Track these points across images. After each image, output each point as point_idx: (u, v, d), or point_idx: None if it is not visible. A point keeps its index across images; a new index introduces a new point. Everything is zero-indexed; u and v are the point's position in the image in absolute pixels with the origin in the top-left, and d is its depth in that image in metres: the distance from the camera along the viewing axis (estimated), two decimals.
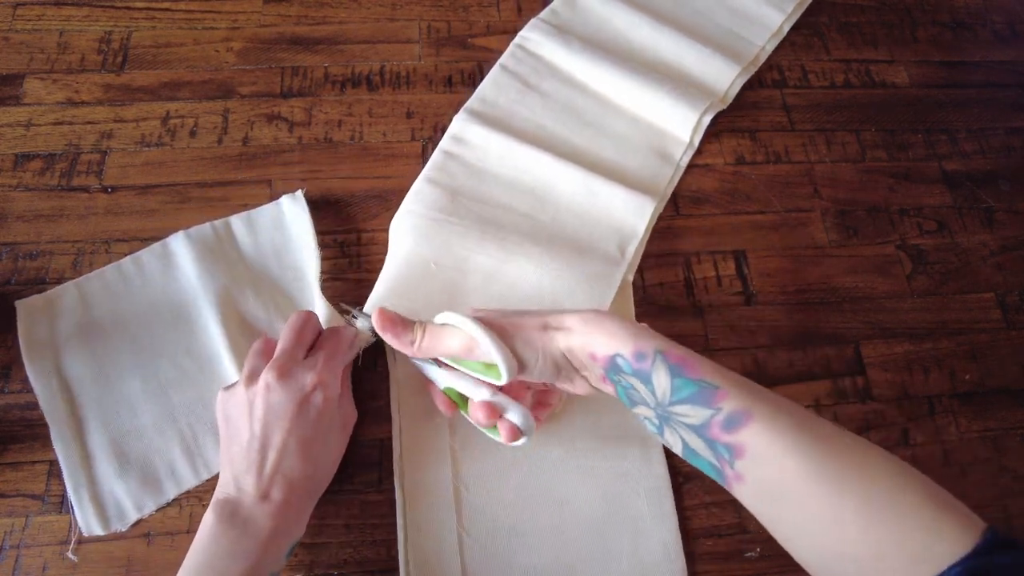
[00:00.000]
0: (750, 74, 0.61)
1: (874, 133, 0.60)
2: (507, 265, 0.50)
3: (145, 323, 0.47)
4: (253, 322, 0.48)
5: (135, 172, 0.53)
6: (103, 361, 0.46)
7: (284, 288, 0.49)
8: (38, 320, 0.47)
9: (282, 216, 0.51)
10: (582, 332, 0.37)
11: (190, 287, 0.48)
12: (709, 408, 0.33)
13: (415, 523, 0.43)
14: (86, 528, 0.42)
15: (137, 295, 0.48)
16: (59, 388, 0.45)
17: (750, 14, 0.64)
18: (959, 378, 0.51)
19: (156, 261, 0.49)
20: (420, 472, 0.44)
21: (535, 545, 0.43)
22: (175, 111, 0.55)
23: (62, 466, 0.43)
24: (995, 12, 0.69)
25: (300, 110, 0.56)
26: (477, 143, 0.54)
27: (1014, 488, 0.48)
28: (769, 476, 0.32)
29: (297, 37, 0.59)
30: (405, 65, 0.59)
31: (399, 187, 0.53)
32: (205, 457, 0.44)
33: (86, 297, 0.48)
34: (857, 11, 0.67)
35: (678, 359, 0.34)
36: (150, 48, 0.57)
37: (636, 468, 0.45)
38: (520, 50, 0.59)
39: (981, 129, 0.61)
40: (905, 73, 0.64)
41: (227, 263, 0.49)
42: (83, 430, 0.44)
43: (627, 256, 0.51)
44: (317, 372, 0.39)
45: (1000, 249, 0.56)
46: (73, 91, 0.55)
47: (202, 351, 0.47)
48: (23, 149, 0.53)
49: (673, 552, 0.43)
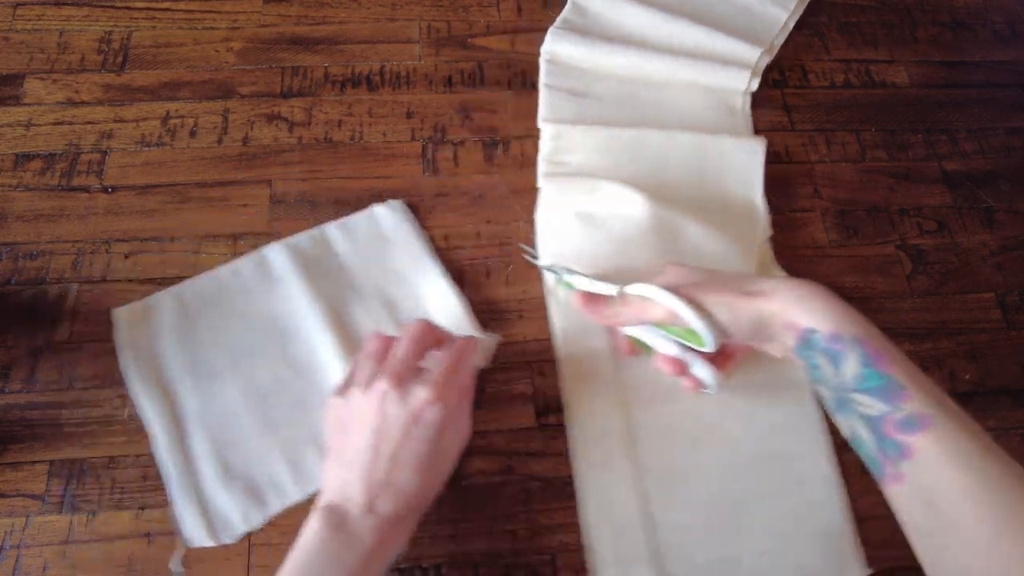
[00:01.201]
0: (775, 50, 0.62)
1: (874, 133, 0.60)
2: (657, 208, 0.51)
3: (242, 332, 0.47)
4: (355, 330, 0.48)
5: (135, 172, 0.53)
6: (201, 370, 0.46)
7: (388, 295, 0.49)
8: (136, 328, 0.47)
9: (378, 224, 0.51)
10: (783, 300, 0.37)
11: (288, 295, 0.48)
12: (890, 405, 0.33)
13: (590, 459, 0.45)
14: (194, 540, 0.41)
15: (234, 304, 0.48)
16: (161, 396, 0.45)
17: (755, 12, 0.64)
18: (959, 378, 0.51)
19: (253, 270, 0.49)
20: (589, 416, 0.46)
21: (704, 480, 0.46)
22: (175, 111, 0.55)
23: (166, 475, 0.43)
24: (995, 12, 0.69)
25: (300, 110, 0.56)
26: (576, 152, 0.55)
27: None
28: (932, 484, 0.32)
29: (297, 37, 0.59)
30: (405, 65, 0.59)
31: (399, 187, 0.53)
32: (307, 470, 0.44)
33: (183, 305, 0.48)
34: (857, 11, 0.67)
35: (874, 351, 0.34)
36: (150, 48, 0.57)
37: (792, 415, 0.48)
38: (551, 64, 0.59)
39: (981, 129, 0.61)
40: (905, 73, 0.64)
41: (326, 271, 0.49)
42: (186, 439, 0.44)
43: (758, 203, 0.54)
44: (433, 386, 0.37)
45: (1000, 249, 0.56)
46: (73, 91, 0.55)
47: (301, 360, 0.46)
48: (23, 149, 0.53)
49: (835, 487, 0.46)
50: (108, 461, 0.44)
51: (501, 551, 0.43)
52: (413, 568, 0.42)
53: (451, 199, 0.54)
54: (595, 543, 0.43)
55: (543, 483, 0.45)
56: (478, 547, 0.43)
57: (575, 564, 0.43)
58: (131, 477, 0.43)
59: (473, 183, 0.54)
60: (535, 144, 0.56)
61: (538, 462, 0.46)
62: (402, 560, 0.41)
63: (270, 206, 0.52)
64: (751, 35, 0.61)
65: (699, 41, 0.60)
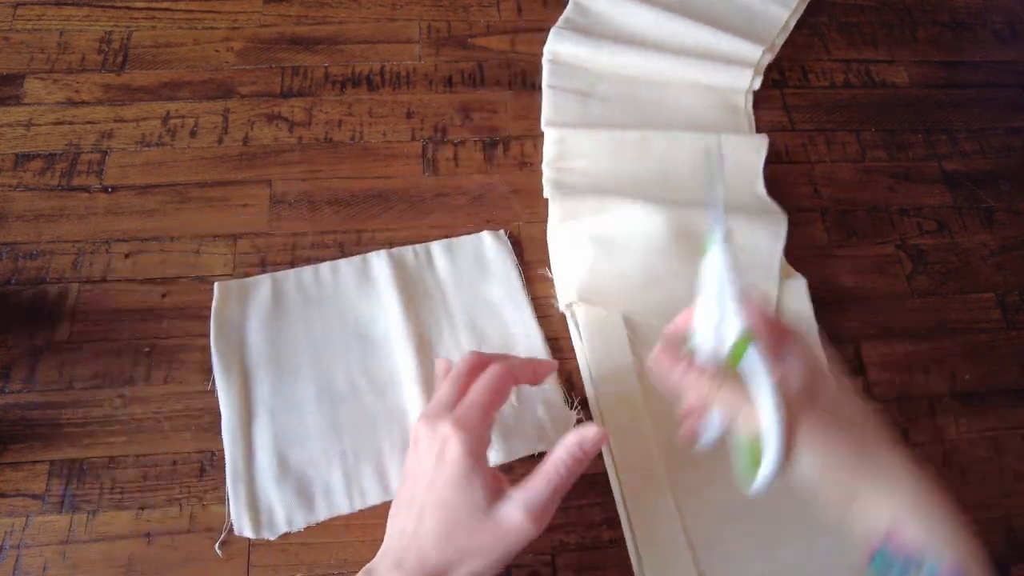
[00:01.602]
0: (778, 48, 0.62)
1: (874, 133, 0.60)
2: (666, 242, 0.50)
3: (330, 331, 0.47)
4: (438, 352, 0.47)
5: (135, 172, 0.53)
6: (282, 359, 0.46)
7: (478, 325, 0.49)
8: (231, 304, 0.47)
9: (483, 250, 0.51)
10: (894, 515, 0.30)
11: (381, 304, 0.48)
12: None
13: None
14: (238, 528, 0.41)
15: (328, 301, 0.48)
16: (238, 375, 0.45)
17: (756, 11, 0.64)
18: (959, 378, 0.51)
19: (354, 272, 0.49)
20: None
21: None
22: (175, 111, 0.55)
23: (227, 456, 0.43)
24: (995, 12, 0.69)
25: (300, 110, 0.56)
26: (581, 157, 0.55)
27: (1014, 488, 0.47)
28: None
29: (297, 37, 0.59)
30: (405, 65, 0.59)
31: (399, 187, 0.53)
32: (361, 484, 0.43)
33: (279, 291, 0.48)
34: (857, 11, 0.67)
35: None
36: (150, 48, 0.57)
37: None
38: (554, 64, 0.59)
39: (981, 129, 0.61)
40: (905, 73, 0.64)
41: (424, 289, 0.49)
42: (252, 424, 0.44)
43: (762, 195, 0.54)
44: (454, 418, 0.34)
45: (1000, 249, 0.56)
46: (73, 91, 0.55)
47: (379, 373, 0.46)
48: (23, 149, 0.53)
49: None
50: (108, 461, 0.44)
51: None
52: None
53: (451, 199, 0.54)
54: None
55: None
56: None
57: (575, 564, 0.43)
58: (131, 477, 0.43)
59: (473, 183, 0.54)
60: (535, 144, 0.56)
61: (538, 463, 0.45)
62: None
63: (270, 206, 0.52)
64: (753, 34, 0.61)
65: (701, 40, 0.60)
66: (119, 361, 0.46)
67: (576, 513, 0.44)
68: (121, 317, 0.48)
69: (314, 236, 0.51)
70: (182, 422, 0.45)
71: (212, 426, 0.45)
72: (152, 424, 0.45)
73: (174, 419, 0.45)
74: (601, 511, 0.45)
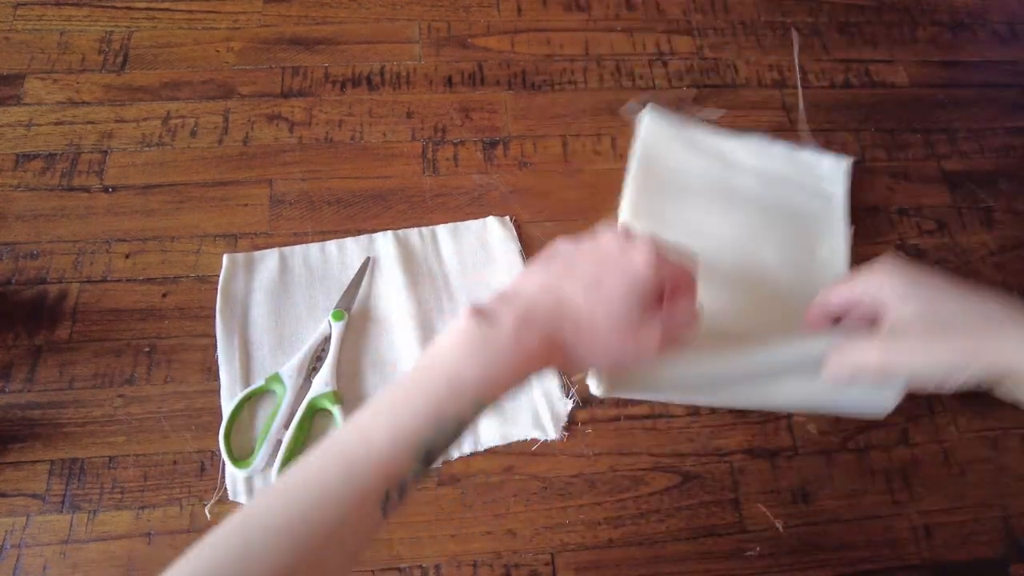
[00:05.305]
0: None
1: (873, 133, 0.60)
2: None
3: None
4: (438, 331, 0.48)
5: (135, 172, 0.53)
6: (284, 333, 0.48)
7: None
8: (238, 273, 0.49)
9: (488, 234, 0.52)
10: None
11: (385, 281, 0.50)
12: None
13: None
14: (232, 493, 0.43)
15: (333, 276, 0.50)
16: (240, 347, 0.47)
17: None
18: None
19: (360, 251, 0.51)
20: None
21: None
22: (175, 111, 0.55)
23: (224, 421, 0.44)
24: (995, 12, 0.69)
25: (300, 110, 0.56)
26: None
27: (1014, 488, 0.47)
28: None
29: (297, 37, 0.59)
30: (405, 65, 0.59)
31: (399, 187, 0.54)
32: None
33: (285, 265, 0.50)
34: (857, 11, 0.67)
35: None
36: (150, 48, 0.58)
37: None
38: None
39: (981, 129, 0.61)
40: (905, 73, 0.64)
41: (428, 268, 0.50)
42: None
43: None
44: (657, 255, 0.35)
45: (1000, 249, 0.56)
46: (74, 91, 0.55)
47: (380, 351, 0.48)
48: (24, 149, 0.53)
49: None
50: (108, 461, 0.44)
51: (501, 551, 0.43)
52: (413, 568, 0.42)
53: (451, 199, 0.54)
54: None
55: (543, 483, 0.45)
56: (478, 547, 0.43)
57: (575, 564, 0.43)
58: (131, 477, 0.43)
59: (473, 183, 0.55)
60: (535, 144, 0.56)
61: (538, 462, 0.46)
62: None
63: (270, 206, 0.52)
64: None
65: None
66: (119, 361, 0.46)
67: (575, 512, 0.44)
68: (121, 317, 0.48)
69: (314, 236, 0.51)
70: (182, 422, 0.45)
71: (212, 426, 0.45)
72: (152, 424, 0.45)
73: (174, 419, 0.45)
74: (601, 511, 0.45)
